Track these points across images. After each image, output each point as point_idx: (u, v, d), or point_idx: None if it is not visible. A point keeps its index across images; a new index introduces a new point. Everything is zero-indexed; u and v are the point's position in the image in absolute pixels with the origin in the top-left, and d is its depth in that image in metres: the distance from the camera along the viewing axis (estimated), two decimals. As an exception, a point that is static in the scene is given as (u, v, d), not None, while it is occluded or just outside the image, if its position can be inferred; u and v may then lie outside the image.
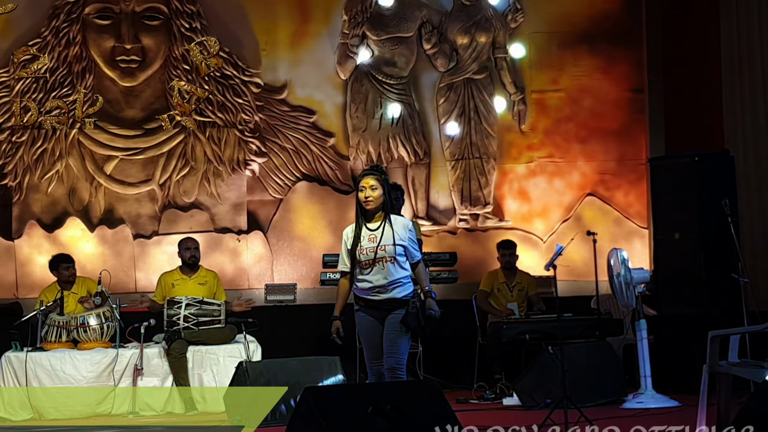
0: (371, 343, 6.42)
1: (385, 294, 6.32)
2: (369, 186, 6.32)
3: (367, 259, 6.30)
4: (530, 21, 11.68)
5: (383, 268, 6.29)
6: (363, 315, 6.46)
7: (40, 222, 10.97)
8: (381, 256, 6.27)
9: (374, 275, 6.31)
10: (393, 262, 6.28)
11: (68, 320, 8.99)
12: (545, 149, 11.70)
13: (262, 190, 11.35)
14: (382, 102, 11.47)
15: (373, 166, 6.64)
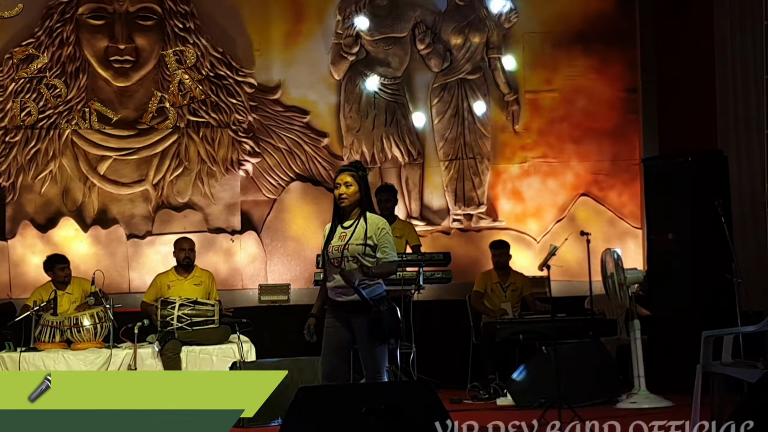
0: (327, 344, 6.21)
1: (347, 296, 6.08)
2: (344, 183, 6.12)
3: (335, 257, 6.10)
4: (524, 21, 11.68)
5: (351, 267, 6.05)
6: (329, 316, 6.25)
7: (34, 222, 10.96)
8: (347, 255, 6.06)
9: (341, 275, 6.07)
10: (358, 262, 6.02)
11: (62, 320, 8.98)
12: (539, 149, 11.71)
13: (256, 191, 11.35)
14: (376, 102, 11.47)
15: (352, 162, 6.54)
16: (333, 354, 6.19)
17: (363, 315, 6.03)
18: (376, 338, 6.04)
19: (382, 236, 6.11)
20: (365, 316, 6.02)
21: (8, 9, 10.94)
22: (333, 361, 6.19)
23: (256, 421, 7.85)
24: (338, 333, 6.16)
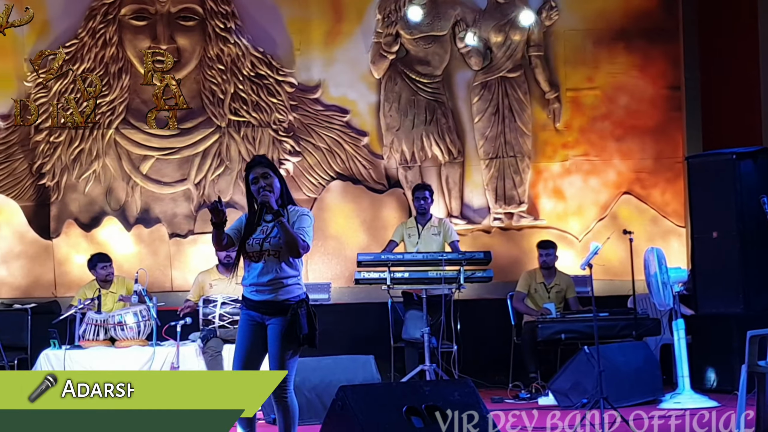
0: (241, 347, 5.73)
1: (264, 295, 5.68)
2: (262, 176, 5.71)
3: (253, 251, 5.71)
4: (565, 18, 11.62)
5: (267, 263, 5.68)
6: (243, 314, 5.80)
7: (78, 221, 11.04)
8: (267, 249, 5.68)
9: (256, 270, 5.71)
10: (277, 256, 5.68)
11: (106, 318, 9.05)
12: (580, 147, 11.65)
13: (296, 190, 11.36)
14: (416, 101, 11.46)
15: (260, 156, 6.17)
16: (248, 355, 5.72)
17: (278, 317, 5.65)
18: (288, 343, 5.61)
19: (299, 218, 5.78)
20: (281, 317, 5.64)
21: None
22: (249, 359, 5.72)
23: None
24: (253, 332, 5.71)
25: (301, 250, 5.68)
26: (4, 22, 10.80)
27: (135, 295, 9.11)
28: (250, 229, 5.75)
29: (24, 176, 11.05)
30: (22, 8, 11.00)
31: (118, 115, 11.11)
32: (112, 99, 11.11)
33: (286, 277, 5.71)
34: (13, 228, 10.98)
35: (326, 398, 7.54)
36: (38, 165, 11.03)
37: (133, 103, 11.19)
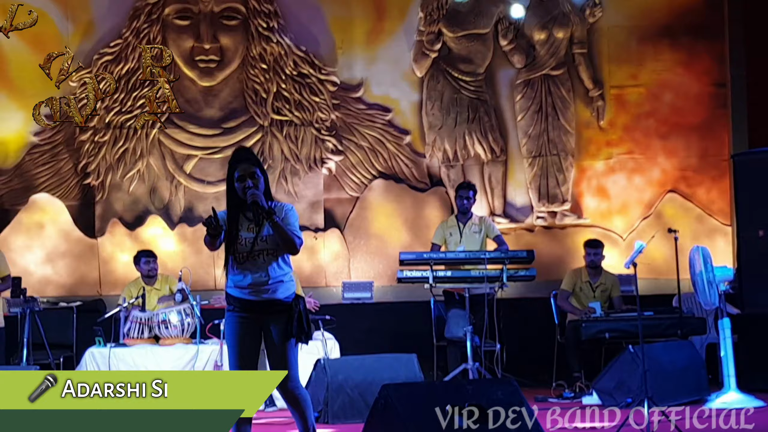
0: (241, 351, 5.61)
1: (263, 295, 5.58)
2: (249, 174, 5.60)
3: (244, 251, 5.60)
4: (609, 15, 11.55)
5: (262, 263, 5.59)
6: (235, 317, 5.63)
7: (122, 220, 11.12)
8: (261, 249, 5.59)
9: (251, 271, 5.59)
10: (273, 255, 5.61)
11: (150, 317, 9.10)
12: (624, 145, 11.57)
13: (339, 188, 11.39)
14: (458, 99, 11.44)
15: (245, 149, 5.92)
16: (246, 357, 5.62)
17: (278, 315, 5.59)
18: (289, 339, 5.58)
19: (286, 214, 5.66)
20: (281, 315, 5.59)
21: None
22: (245, 360, 5.62)
23: (339, 417, 7.92)
24: (249, 333, 5.61)
25: (298, 246, 5.63)
26: (8, 24, 10.90)
27: (178, 294, 9.15)
28: (235, 228, 5.64)
29: (69, 176, 11.14)
30: (64, 9, 11.09)
31: (161, 115, 11.17)
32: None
33: (283, 275, 5.66)
34: (59, 227, 11.07)
35: (369, 397, 7.54)
36: (83, 164, 11.11)
37: (177, 103, 11.23)
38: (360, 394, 7.98)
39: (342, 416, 7.99)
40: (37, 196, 11.06)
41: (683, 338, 9.15)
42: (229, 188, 5.70)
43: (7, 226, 10.98)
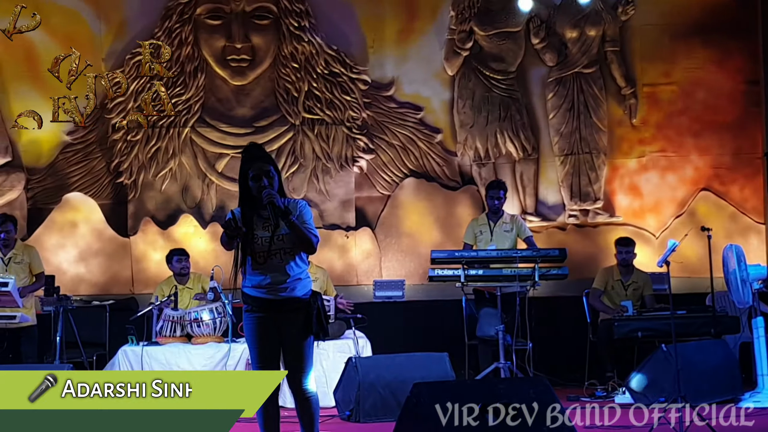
0: (262, 351, 5.61)
1: (281, 294, 5.57)
2: (265, 173, 5.63)
3: (262, 250, 5.59)
4: (641, 13, 11.50)
5: (280, 262, 5.58)
6: (253, 317, 5.64)
7: (155, 219, 11.17)
8: (278, 248, 5.59)
9: (269, 271, 5.59)
10: (290, 254, 5.60)
11: (182, 315, 9.14)
12: (657, 143, 11.52)
13: (370, 187, 11.40)
14: (490, 98, 11.42)
15: (258, 146, 5.92)
16: (267, 356, 5.63)
17: (296, 312, 5.59)
18: (310, 337, 5.59)
19: (301, 212, 5.65)
20: (299, 313, 5.58)
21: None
22: (268, 361, 5.63)
23: (371, 416, 7.93)
24: (269, 333, 5.61)
25: (316, 245, 5.62)
26: (11, 27, 10.97)
27: (210, 292, 9.18)
28: (250, 228, 5.60)
29: (102, 175, 11.21)
30: (97, 9, 11.16)
31: (193, 114, 11.23)
32: (188, 98, 11.22)
33: (301, 272, 5.65)
34: (92, 226, 11.14)
35: (400, 395, 7.54)
36: (116, 163, 11.18)
37: (209, 102, 11.29)
38: (391, 393, 7.99)
39: (373, 415, 8.00)
40: (70, 195, 11.13)
41: (716, 337, 9.08)
42: (243, 186, 5.71)
43: (41, 224, 11.06)
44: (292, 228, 5.53)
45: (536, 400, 5.74)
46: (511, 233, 9.77)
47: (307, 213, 5.68)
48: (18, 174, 11.09)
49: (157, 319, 9.21)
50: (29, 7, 11.11)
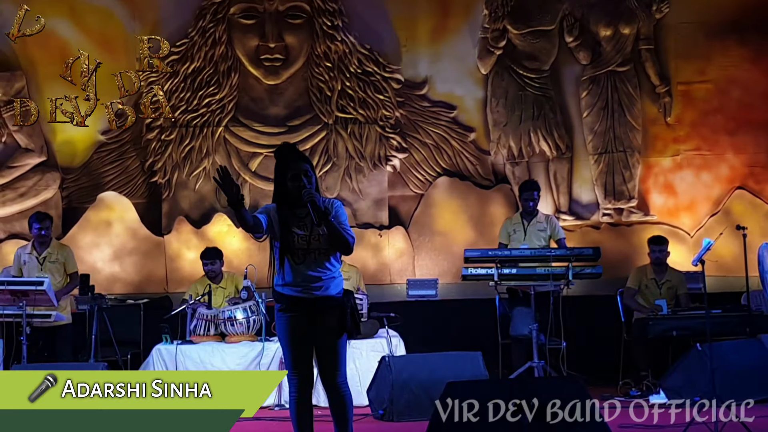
0: (295, 351, 5.60)
1: (316, 293, 5.58)
2: (305, 174, 5.61)
3: (299, 249, 5.60)
4: (676, 11, 11.43)
5: (316, 261, 5.59)
6: (286, 316, 5.65)
7: (189, 218, 11.22)
8: (315, 247, 5.58)
9: (306, 270, 5.58)
10: (326, 254, 5.60)
11: (216, 314, 9.17)
12: (692, 142, 11.45)
13: (404, 186, 11.39)
14: (523, 96, 11.39)
15: (292, 145, 5.86)
16: (300, 354, 5.62)
17: (330, 311, 5.58)
18: (343, 335, 5.59)
19: (337, 211, 5.62)
20: (333, 311, 5.58)
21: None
22: (301, 359, 5.64)
23: (404, 415, 7.92)
24: (302, 332, 5.61)
25: (352, 246, 5.62)
26: (15, 31, 11.05)
27: (244, 291, 9.21)
28: (287, 227, 5.61)
29: (136, 174, 11.27)
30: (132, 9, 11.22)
31: (227, 113, 11.27)
32: (222, 97, 11.26)
33: (335, 271, 5.65)
34: (126, 225, 11.20)
35: (434, 394, 7.53)
36: (150, 163, 11.23)
37: (242, 101, 11.33)
38: (425, 392, 7.98)
39: (407, 414, 8.00)
40: (105, 194, 11.20)
41: (751, 336, 9.02)
42: (279, 185, 5.70)
43: (76, 224, 11.13)
44: (331, 228, 5.53)
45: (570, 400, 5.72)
46: (545, 233, 9.76)
47: (343, 213, 5.68)
48: (53, 173, 11.16)
49: (191, 318, 9.25)
50: (64, 6, 11.19)
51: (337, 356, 5.60)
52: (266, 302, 9.09)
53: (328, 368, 5.59)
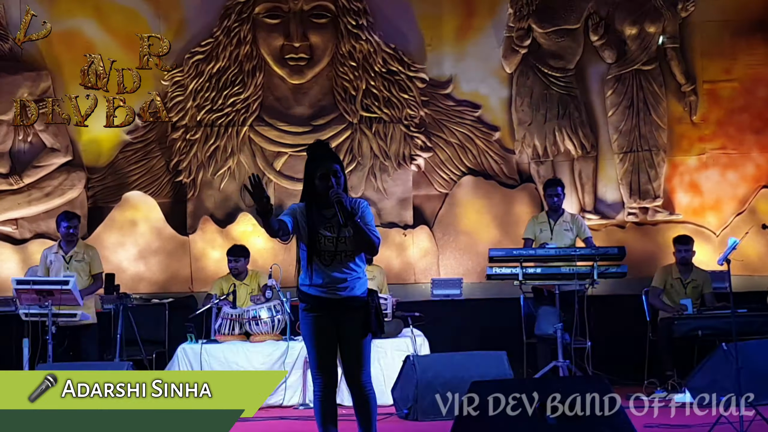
0: (320, 350, 5.62)
1: (341, 293, 5.58)
2: (333, 173, 5.59)
3: (326, 250, 5.61)
4: (702, 9, 11.38)
5: (342, 262, 5.60)
6: (311, 316, 5.66)
7: (213, 217, 11.25)
8: (342, 249, 5.59)
9: (333, 271, 5.59)
10: (352, 255, 5.61)
11: (240, 313, 9.19)
12: (718, 141, 11.39)
13: (428, 185, 11.39)
14: (548, 95, 11.37)
15: (325, 143, 5.87)
16: (325, 354, 5.63)
17: (354, 311, 5.59)
18: (368, 335, 5.60)
19: (363, 212, 5.61)
20: (357, 312, 5.58)
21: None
22: (326, 359, 5.64)
23: (428, 414, 7.92)
24: (327, 332, 5.62)
25: (378, 247, 5.62)
26: (22, 35, 11.11)
27: (268, 290, 9.22)
28: (314, 227, 5.61)
29: (161, 173, 11.31)
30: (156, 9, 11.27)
31: (252, 113, 11.29)
32: (247, 97, 11.28)
33: (361, 271, 5.66)
34: (151, 224, 11.24)
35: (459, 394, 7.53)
36: (175, 162, 11.27)
37: (267, 101, 11.35)
38: (449, 392, 7.97)
39: (431, 413, 7.99)
40: (130, 194, 11.24)
41: (779, 336, 8.97)
42: (308, 184, 5.69)
43: (101, 223, 11.17)
44: (357, 230, 5.53)
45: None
46: (571, 233, 9.74)
47: (369, 214, 5.68)
48: (78, 173, 11.22)
49: (215, 317, 9.27)
50: (89, 5, 11.24)
51: (361, 356, 5.60)
52: (291, 301, 9.11)
53: (353, 368, 5.60)
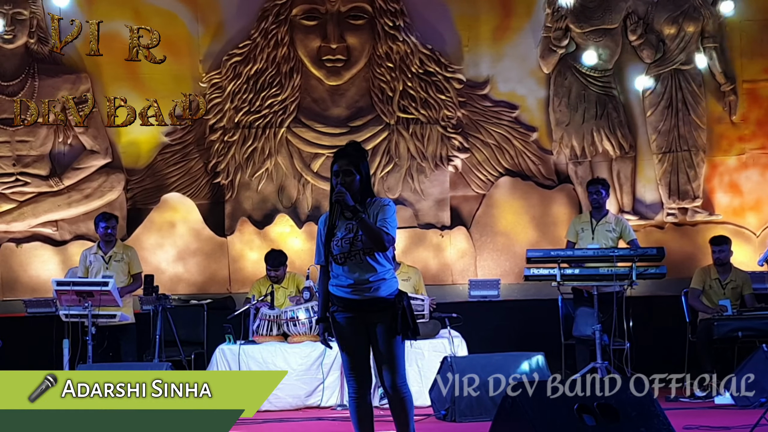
0: (351, 352, 5.63)
1: (366, 294, 5.54)
2: (343, 171, 5.62)
3: (342, 252, 5.57)
4: (742, 8, 11.28)
5: (361, 262, 5.56)
6: (340, 317, 5.64)
7: (251, 219, 11.28)
8: (358, 249, 5.56)
9: (352, 271, 5.57)
10: (371, 254, 5.56)
11: (278, 314, 9.20)
12: (758, 140, 11.30)
13: (465, 186, 11.37)
14: (586, 95, 11.31)
15: (350, 144, 5.86)
16: (356, 355, 5.65)
17: (384, 313, 5.55)
18: (394, 336, 5.54)
19: (381, 209, 5.62)
20: (387, 313, 5.54)
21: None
22: (358, 360, 5.65)
23: (466, 415, 7.91)
24: (358, 333, 5.62)
25: (386, 243, 5.55)
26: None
27: (306, 291, 9.24)
28: (331, 228, 5.61)
29: (199, 175, 11.36)
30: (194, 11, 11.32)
31: (289, 114, 11.32)
32: (284, 98, 11.31)
33: (385, 272, 5.60)
34: (190, 226, 11.29)
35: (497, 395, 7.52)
36: (213, 164, 11.31)
37: (304, 102, 11.37)
38: (487, 393, 7.96)
39: (469, 414, 7.98)
40: (169, 196, 11.30)
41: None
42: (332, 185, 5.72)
43: (140, 225, 11.24)
44: (361, 225, 5.51)
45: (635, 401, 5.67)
46: (614, 234, 9.68)
47: (389, 211, 5.63)
48: (118, 175, 11.29)
49: (253, 318, 9.29)
50: (128, 8, 11.32)
51: (393, 358, 5.57)
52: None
53: (385, 370, 5.59)
